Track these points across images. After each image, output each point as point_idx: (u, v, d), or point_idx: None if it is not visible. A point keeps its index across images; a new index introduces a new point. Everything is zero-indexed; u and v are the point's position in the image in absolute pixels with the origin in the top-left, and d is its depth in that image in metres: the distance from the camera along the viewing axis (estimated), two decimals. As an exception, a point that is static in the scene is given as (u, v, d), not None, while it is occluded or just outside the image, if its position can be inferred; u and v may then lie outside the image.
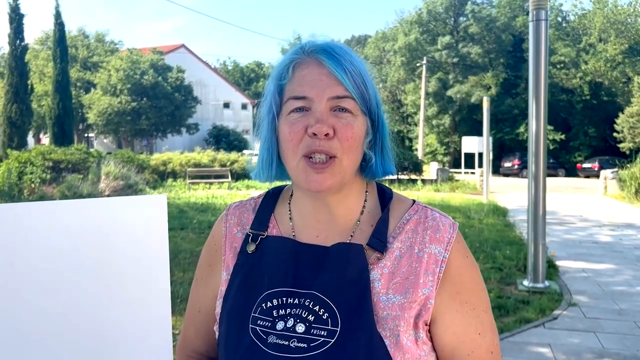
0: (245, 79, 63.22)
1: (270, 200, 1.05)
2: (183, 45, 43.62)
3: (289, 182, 1.04)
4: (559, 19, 37.84)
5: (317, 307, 0.89)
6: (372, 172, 0.98)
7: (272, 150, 0.96)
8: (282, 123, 0.93)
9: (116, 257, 0.96)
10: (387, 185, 1.07)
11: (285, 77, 0.94)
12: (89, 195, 14.34)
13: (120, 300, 0.96)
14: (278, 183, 1.06)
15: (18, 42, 26.17)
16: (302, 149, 0.90)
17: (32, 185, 14.79)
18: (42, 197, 14.08)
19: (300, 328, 0.87)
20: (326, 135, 0.88)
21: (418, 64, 37.26)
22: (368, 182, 1.01)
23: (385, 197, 1.00)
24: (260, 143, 0.99)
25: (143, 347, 0.99)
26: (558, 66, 34.84)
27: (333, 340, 0.85)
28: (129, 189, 15.89)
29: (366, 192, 1.00)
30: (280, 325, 0.89)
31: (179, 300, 5.04)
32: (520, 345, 4.54)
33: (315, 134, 0.88)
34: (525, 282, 6.32)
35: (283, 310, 0.90)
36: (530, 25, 6.17)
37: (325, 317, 0.88)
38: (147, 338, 0.99)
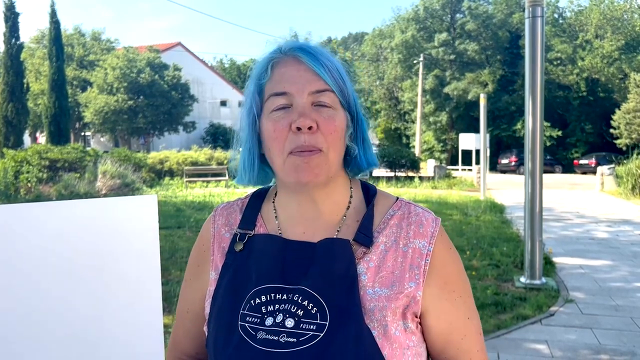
0: (242, 77, 62.97)
1: (257, 200, 1.07)
2: (179, 43, 43.52)
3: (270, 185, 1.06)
4: (556, 15, 37.86)
5: (306, 301, 0.90)
6: (358, 165, 1.00)
7: (254, 151, 0.99)
8: (265, 122, 0.95)
9: (106, 258, 0.95)
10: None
11: (265, 77, 0.96)
12: (86, 194, 14.32)
13: (111, 301, 0.96)
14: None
15: (13, 40, 26.09)
16: (288, 146, 0.92)
17: (29, 185, 14.76)
18: (39, 197, 14.05)
19: (290, 323, 0.89)
20: (309, 128, 0.90)
21: (415, 61, 37.27)
22: (352, 178, 1.03)
23: (369, 193, 1.02)
24: (242, 145, 1.00)
25: (134, 348, 0.98)
26: (555, 63, 34.89)
27: (322, 334, 0.87)
28: (126, 187, 15.86)
29: (351, 188, 1.02)
30: (269, 321, 0.90)
31: (175, 300, 5.03)
32: (517, 342, 4.55)
33: (299, 128, 0.90)
34: (522, 279, 6.33)
35: (272, 306, 0.91)
36: (527, 22, 6.17)
37: (314, 312, 0.89)
38: (138, 338, 0.98)
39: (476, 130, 22.55)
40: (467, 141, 23.31)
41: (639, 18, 35.08)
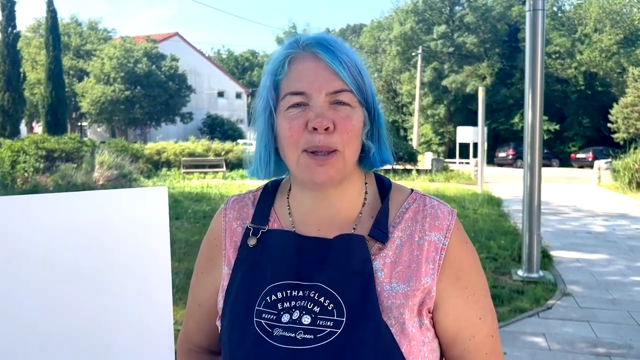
0: (240, 68, 62.88)
1: (270, 193, 1.04)
2: (177, 34, 43.30)
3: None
4: (555, 8, 37.80)
5: (322, 298, 0.89)
6: (371, 163, 0.98)
7: (270, 147, 0.96)
8: (281, 118, 0.92)
9: (117, 249, 0.95)
10: (386, 177, 1.07)
11: (281, 73, 0.93)
12: (83, 185, 14.28)
13: (122, 293, 0.95)
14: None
15: (10, 29, 25.95)
16: (303, 144, 0.90)
17: (26, 175, 14.69)
18: (36, 187, 14.00)
19: (306, 320, 0.88)
20: (326, 129, 0.88)
21: (413, 54, 37.17)
22: (366, 173, 1.01)
23: (384, 187, 1.01)
24: (257, 140, 0.98)
25: (145, 340, 0.98)
26: (553, 56, 34.86)
27: (339, 331, 0.86)
28: (123, 178, 15.81)
29: (365, 183, 1.00)
30: (285, 317, 0.89)
31: (174, 290, 5.03)
32: (515, 335, 4.57)
33: (315, 129, 0.88)
34: (520, 272, 6.35)
35: (288, 303, 0.90)
36: (527, 15, 6.14)
37: (330, 308, 0.88)
38: (148, 330, 0.98)
39: (474, 123, 22.57)
40: (465, 134, 23.33)
41: (637, 12, 35.04)
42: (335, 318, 0.87)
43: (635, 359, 4.09)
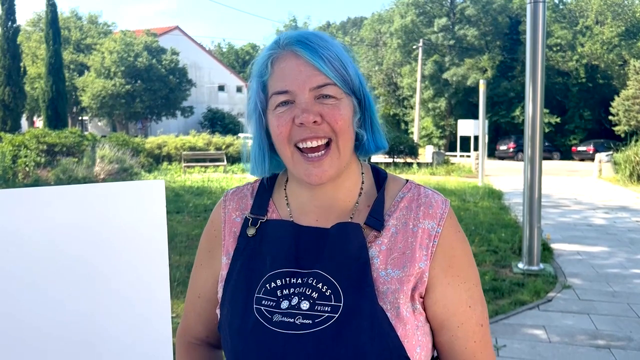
0: (240, 62, 62.68)
1: (268, 185, 1.07)
2: (177, 27, 43.19)
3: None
4: (556, 0, 37.63)
5: (320, 284, 0.91)
6: (365, 150, 1.00)
7: (263, 146, 0.99)
8: (270, 117, 0.95)
9: (114, 242, 0.95)
10: (382, 168, 1.09)
11: (266, 73, 0.95)
12: (84, 179, 14.29)
13: (120, 286, 0.96)
14: None
15: (10, 23, 25.87)
16: (293, 137, 0.92)
17: (27, 169, 14.71)
18: (37, 181, 14.02)
19: (305, 305, 0.90)
20: (314, 122, 0.91)
21: (414, 47, 37.04)
22: (362, 163, 1.04)
23: (380, 177, 1.03)
24: (252, 140, 1.01)
25: (142, 333, 0.98)
26: (554, 49, 34.74)
27: (337, 316, 0.89)
28: (124, 172, 15.83)
29: (362, 173, 1.02)
30: (284, 304, 0.91)
31: (175, 284, 5.05)
32: (515, 327, 4.58)
33: (302, 124, 0.91)
34: (520, 265, 6.36)
35: (287, 290, 0.92)
36: (528, 8, 6.12)
37: (328, 294, 0.90)
38: (146, 323, 0.98)
39: (475, 116, 22.54)
40: (466, 127, 23.28)
41: (639, 4, 34.87)
42: (332, 303, 0.90)
43: (635, 351, 4.11)
